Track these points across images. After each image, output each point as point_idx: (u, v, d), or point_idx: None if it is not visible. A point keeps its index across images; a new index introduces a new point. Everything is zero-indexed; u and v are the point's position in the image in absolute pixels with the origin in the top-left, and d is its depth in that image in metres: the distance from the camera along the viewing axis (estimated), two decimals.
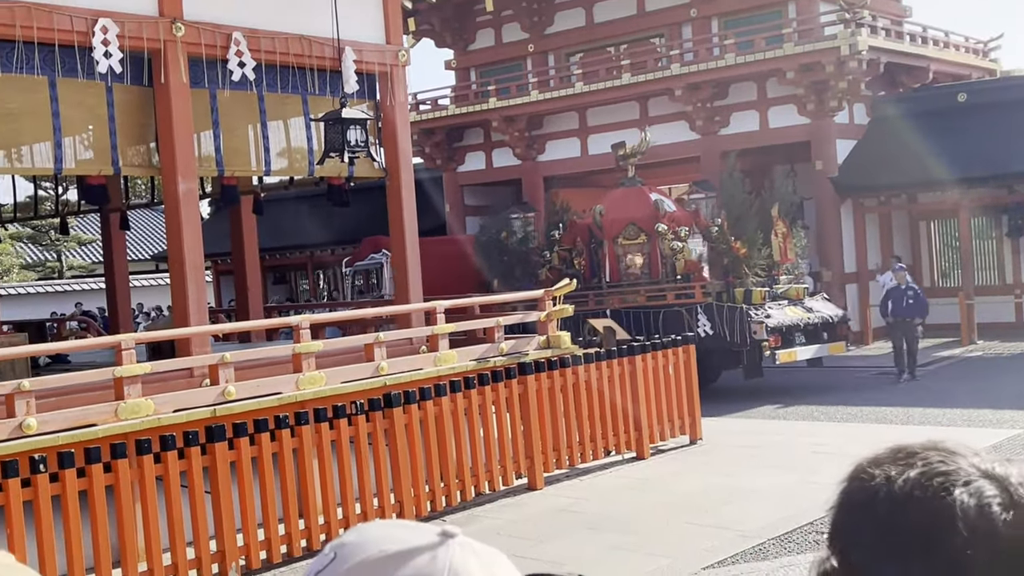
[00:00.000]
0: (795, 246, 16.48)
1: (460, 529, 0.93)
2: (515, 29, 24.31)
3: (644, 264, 16.03)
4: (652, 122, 22.23)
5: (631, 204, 16.32)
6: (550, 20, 23.90)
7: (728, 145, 21.30)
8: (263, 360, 8.98)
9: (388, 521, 1.00)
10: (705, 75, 20.59)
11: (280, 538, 7.64)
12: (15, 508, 6.32)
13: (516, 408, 9.47)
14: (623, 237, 16.19)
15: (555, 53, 23.92)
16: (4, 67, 7.83)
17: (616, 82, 21.62)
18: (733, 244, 15.41)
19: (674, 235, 15.70)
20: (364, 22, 10.30)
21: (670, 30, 22.28)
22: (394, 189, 10.72)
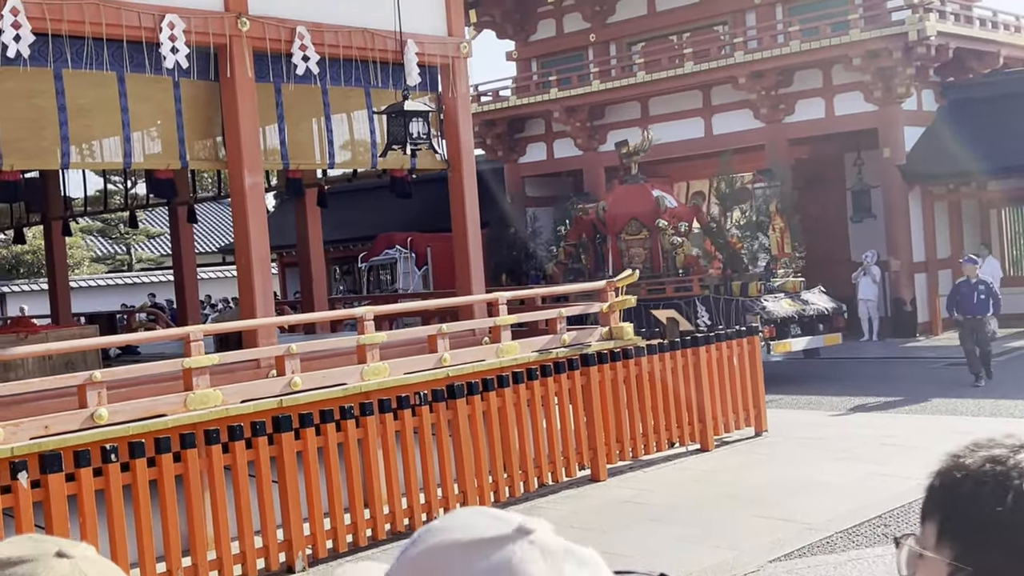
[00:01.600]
0: (791, 240, 16.95)
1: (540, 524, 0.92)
2: (576, 19, 24.21)
3: (646, 258, 16.64)
4: (716, 111, 22.03)
5: (634, 200, 16.93)
6: (612, 9, 23.76)
7: (793, 133, 21.03)
8: (328, 351, 9.06)
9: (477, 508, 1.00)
10: (769, 63, 20.33)
11: (346, 527, 7.71)
12: (87, 497, 6.45)
13: (579, 399, 9.46)
14: (626, 232, 16.83)
15: (617, 42, 23.79)
16: (74, 63, 7.97)
17: (679, 71, 21.43)
18: (730, 239, 16.06)
19: (674, 230, 16.38)
20: (426, 15, 10.33)
21: (734, 17, 22.04)
22: (456, 181, 10.74)
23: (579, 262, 17.49)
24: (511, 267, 19.00)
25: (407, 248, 20.07)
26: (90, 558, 1.14)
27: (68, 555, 1.11)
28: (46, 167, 10.02)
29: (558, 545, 0.91)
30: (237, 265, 9.44)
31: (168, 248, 33.19)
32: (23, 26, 7.42)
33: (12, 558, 1.10)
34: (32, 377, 7.67)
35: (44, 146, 8.00)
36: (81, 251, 33.01)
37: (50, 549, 1.11)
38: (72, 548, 1.14)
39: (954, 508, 1.01)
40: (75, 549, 1.14)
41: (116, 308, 22.46)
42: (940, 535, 1.03)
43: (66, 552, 1.12)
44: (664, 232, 16.43)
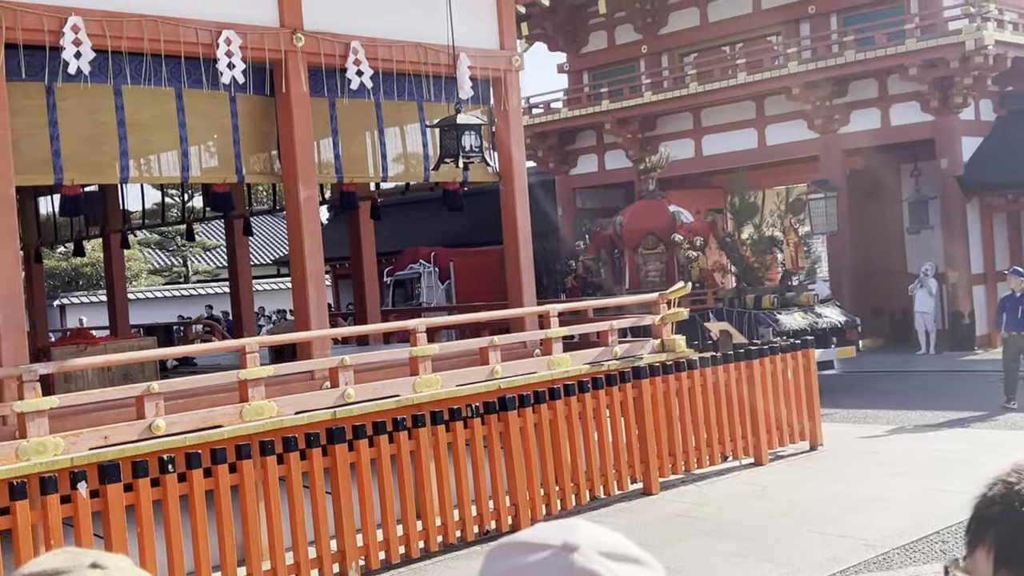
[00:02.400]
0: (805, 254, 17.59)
1: (586, 541, 0.93)
2: (628, 30, 24.19)
3: (662, 271, 17.16)
4: (769, 121, 21.89)
5: (650, 216, 17.43)
6: (664, 20, 23.72)
7: (848, 144, 20.83)
8: (381, 363, 9.12)
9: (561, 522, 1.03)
10: (824, 73, 20.16)
11: (398, 539, 7.74)
12: (145, 507, 6.54)
13: (631, 412, 9.42)
14: (643, 247, 17.39)
15: (669, 54, 23.73)
16: (133, 79, 8.12)
17: (731, 82, 21.33)
18: (744, 253, 16.59)
19: (689, 244, 16.88)
20: (478, 28, 10.38)
21: (787, 28, 21.89)
22: (507, 193, 10.77)
23: (598, 276, 17.96)
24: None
25: (430, 263, 20.63)
26: (124, 569, 1.16)
27: (103, 566, 1.14)
28: (106, 181, 10.22)
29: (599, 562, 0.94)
30: (292, 277, 9.54)
31: (224, 260, 33.65)
32: (84, 43, 7.58)
33: (48, 571, 1.13)
34: (92, 388, 7.80)
35: (104, 161, 8.15)
36: (139, 263, 33.53)
37: (85, 561, 1.14)
38: (107, 559, 1.16)
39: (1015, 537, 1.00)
40: (110, 560, 1.17)
41: (173, 320, 22.78)
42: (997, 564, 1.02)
43: (101, 563, 1.14)
44: (679, 246, 16.93)
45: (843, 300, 21.17)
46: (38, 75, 7.65)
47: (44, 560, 1.16)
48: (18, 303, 7.40)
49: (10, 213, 7.39)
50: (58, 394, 7.19)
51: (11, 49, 7.40)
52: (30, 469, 6.48)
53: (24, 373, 6.76)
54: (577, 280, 18.32)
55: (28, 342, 7.67)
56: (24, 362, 7.20)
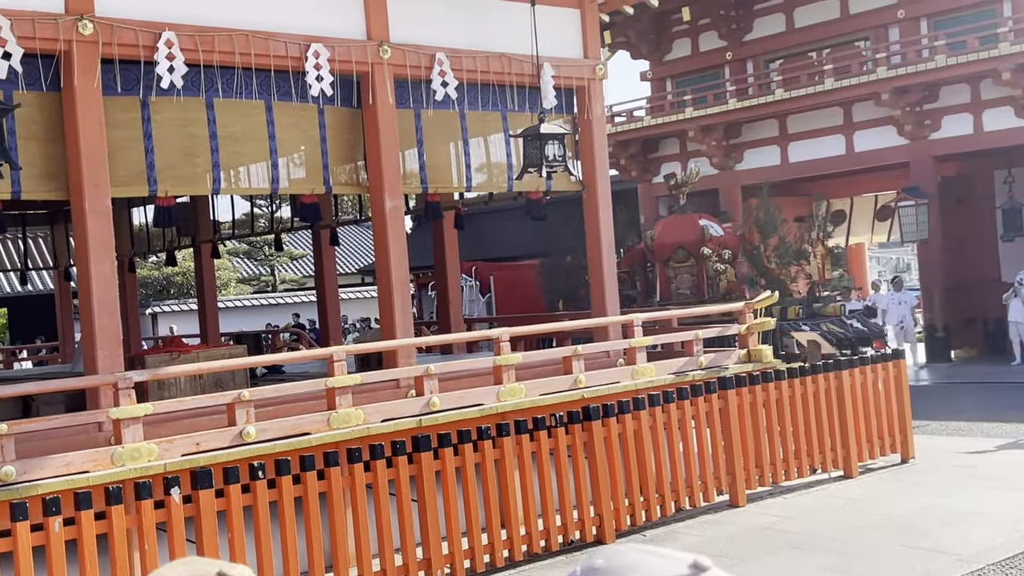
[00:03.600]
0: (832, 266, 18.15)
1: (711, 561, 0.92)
2: (712, 37, 24.00)
3: (692, 284, 17.69)
4: (857, 127, 21.52)
5: (681, 229, 18.00)
6: (749, 27, 23.48)
7: (939, 150, 20.38)
8: (465, 372, 9.16)
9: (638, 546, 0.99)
10: (914, 78, 19.76)
11: (483, 547, 7.76)
12: (236, 513, 6.66)
13: (716, 423, 9.32)
14: (673, 260, 17.92)
15: (754, 60, 23.48)
16: (225, 93, 8.29)
17: (818, 88, 21.03)
18: (769, 265, 17.25)
19: (718, 257, 17.42)
20: (562, 38, 10.39)
21: (875, 32, 21.51)
22: (591, 202, 10.75)
23: (633, 288, 18.55)
24: (567, 294, 20.01)
25: (471, 277, 21.30)
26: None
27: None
28: (198, 193, 10.44)
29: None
30: (378, 287, 9.64)
31: (310, 269, 34.21)
32: (177, 57, 7.76)
33: None
34: (184, 395, 7.97)
35: (196, 173, 8.34)
36: (228, 272, 34.20)
37: (211, 570, 1.16)
38: (231, 570, 1.19)
39: None
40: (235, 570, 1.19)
41: (261, 328, 23.18)
42: None
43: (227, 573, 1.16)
44: (708, 259, 17.45)
45: (933, 309, 20.71)
46: (133, 89, 7.85)
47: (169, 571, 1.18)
48: (114, 312, 7.60)
49: (106, 224, 7.60)
50: (152, 401, 7.36)
51: (107, 64, 7.61)
52: (125, 474, 6.64)
53: (119, 380, 6.93)
54: None
55: (123, 350, 7.86)
56: (119, 370, 7.39)
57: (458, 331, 12.59)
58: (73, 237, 10.59)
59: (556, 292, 20.27)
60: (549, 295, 20.34)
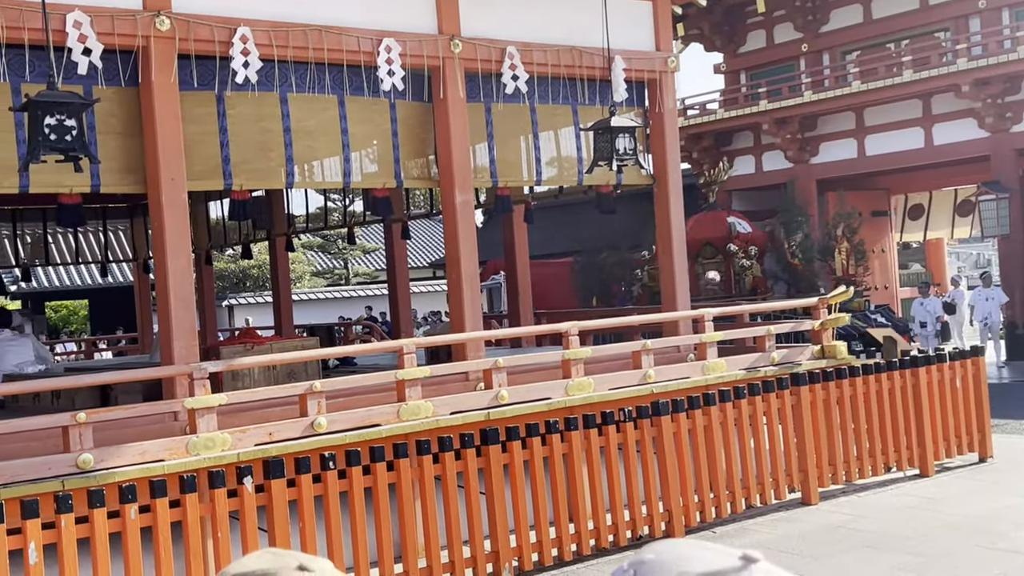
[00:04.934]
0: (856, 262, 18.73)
1: (761, 554, 0.90)
2: (788, 29, 23.66)
3: (720, 280, 18.30)
4: (936, 120, 21.08)
5: (709, 226, 18.57)
6: (825, 18, 23.11)
7: (1021, 143, 19.87)
8: (534, 365, 9.16)
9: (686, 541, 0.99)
10: (996, 69, 19.28)
11: (551, 541, 7.76)
12: (307, 502, 6.75)
13: (789, 420, 9.21)
14: (702, 256, 18.41)
15: (830, 52, 23.11)
16: (299, 87, 8.38)
17: (896, 80, 20.62)
18: (792, 260, 17.74)
19: (744, 254, 17.95)
20: (634, 30, 10.33)
21: (956, 23, 21.03)
22: (662, 196, 10.68)
23: None
24: (600, 290, 20.47)
25: None
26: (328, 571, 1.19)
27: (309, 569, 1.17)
28: (272, 186, 10.56)
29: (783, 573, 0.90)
30: (448, 280, 9.68)
31: (382, 263, 34.49)
32: (252, 53, 7.87)
33: (256, 571, 1.16)
34: (258, 386, 8.09)
35: (271, 167, 8.45)
36: (302, 266, 34.64)
37: (291, 563, 1.17)
38: (312, 562, 1.19)
39: None
40: (315, 563, 1.20)
41: (334, 320, 23.44)
42: None
43: (307, 566, 1.17)
44: (735, 256, 18.02)
45: (1015, 306, 20.21)
46: (209, 84, 7.98)
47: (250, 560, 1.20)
48: (190, 304, 7.74)
49: (183, 217, 7.74)
50: (226, 391, 7.48)
51: (184, 60, 7.74)
52: (199, 463, 6.76)
53: (195, 371, 7.06)
54: (644, 289, 19.39)
55: (199, 341, 8.00)
56: (195, 360, 7.52)
57: (527, 325, 12.60)
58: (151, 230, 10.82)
59: (589, 289, 20.77)
60: (582, 292, 20.74)
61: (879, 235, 23.16)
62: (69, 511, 5.96)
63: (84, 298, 32.27)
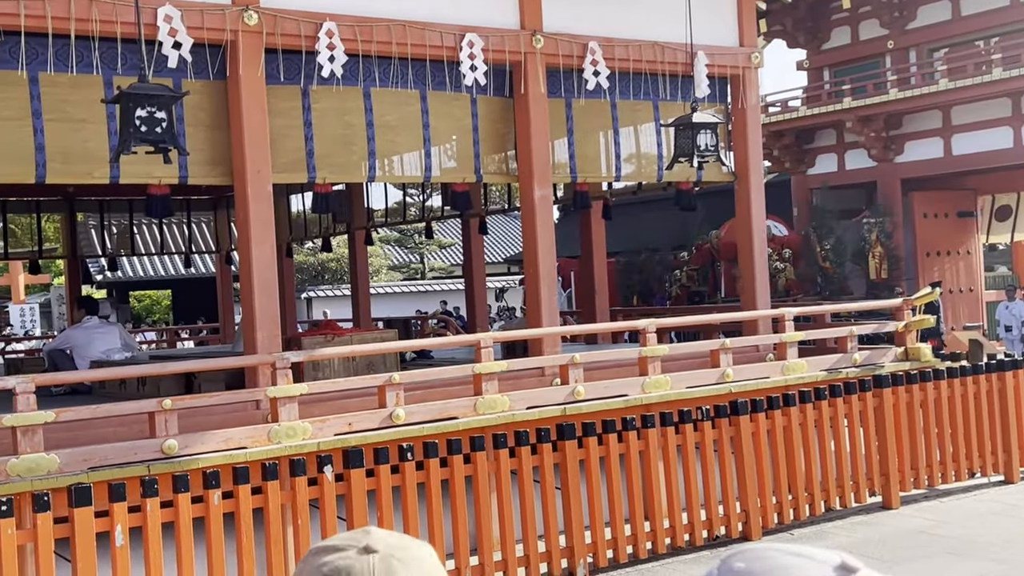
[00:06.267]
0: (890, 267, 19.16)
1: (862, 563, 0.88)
2: (873, 25, 23.23)
3: None
4: None
5: None
6: (912, 15, 22.64)
7: None
8: (610, 362, 9.13)
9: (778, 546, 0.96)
10: None
11: (626, 538, 7.74)
12: (384, 492, 6.81)
13: (870, 422, 9.05)
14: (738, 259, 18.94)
15: (917, 49, 22.63)
16: (382, 82, 8.46)
17: (986, 78, 20.11)
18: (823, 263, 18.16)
19: (778, 256, 18.30)
20: (717, 26, 10.23)
21: None
22: (743, 193, 10.57)
23: (702, 285, 19.86)
24: (641, 290, 21.00)
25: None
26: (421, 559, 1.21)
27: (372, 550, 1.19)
28: (353, 180, 10.68)
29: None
30: (525, 275, 9.69)
31: (457, 258, 34.66)
32: (337, 47, 7.96)
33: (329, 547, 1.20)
34: (337, 377, 8.19)
35: (353, 161, 8.54)
36: (379, 259, 34.96)
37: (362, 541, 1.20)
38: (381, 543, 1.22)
39: None
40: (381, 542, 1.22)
41: (411, 314, 23.63)
42: None
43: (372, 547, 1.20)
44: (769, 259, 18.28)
45: None
46: (295, 78, 8.09)
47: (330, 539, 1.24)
48: (273, 294, 7.86)
49: (268, 209, 7.85)
50: (307, 381, 7.58)
51: (270, 54, 7.86)
52: (281, 452, 6.86)
53: (277, 360, 7.16)
54: (682, 289, 20.02)
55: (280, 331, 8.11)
56: (277, 350, 7.64)
57: (603, 321, 12.56)
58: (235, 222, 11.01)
59: (630, 288, 21.30)
60: (624, 291, 21.19)
61: (964, 236, 22.63)
62: (155, 495, 6.10)
63: (167, 288, 32.96)
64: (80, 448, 6.31)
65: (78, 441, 6.44)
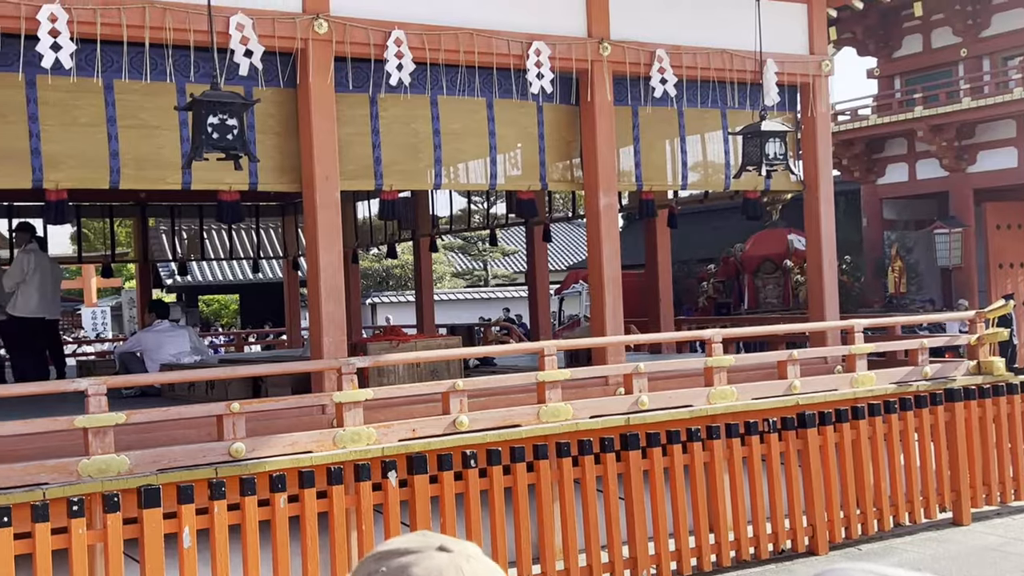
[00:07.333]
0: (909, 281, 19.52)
1: None
2: (946, 33, 22.83)
3: (779, 295, 19.28)
4: None
5: (769, 243, 19.58)
6: (986, 23, 22.22)
7: None
8: (674, 372, 9.06)
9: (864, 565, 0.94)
10: None
11: (690, 550, 7.66)
12: (448, 499, 6.83)
13: (942, 437, 8.87)
14: (762, 271, 19.53)
15: (991, 57, 22.19)
16: (449, 90, 8.49)
17: None
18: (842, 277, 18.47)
19: (800, 270, 18.36)
20: (787, 33, 10.11)
21: None
22: (812, 202, 10.43)
23: (728, 297, 20.17)
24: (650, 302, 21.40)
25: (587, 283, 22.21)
26: (470, 556, 1.21)
27: (449, 550, 1.19)
28: (419, 188, 10.73)
29: None
30: (590, 284, 9.66)
31: (520, 265, 34.69)
32: (405, 55, 8.00)
33: (400, 548, 1.20)
34: (402, 382, 8.22)
35: (419, 168, 8.58)
36: (442, 266, 35.13)
37: (434, 543, 1.20)
38: (455, 544, 1.22)
39: None
40: (457, 546, 1.22)
41: (473, 321, 23.70)
42: None
43: (448, 547, 1.20)
44: (791, 271, 18.82)
45: None
46: (363, 86, 8.15)
47: (398, 540, 1.24)
48: (340, 300, 7.92)
49: (335, 216, 7.92)
50: (372, 387, 7.62)
51: (339, 62, 7.92)
52: (345, 456, 6.90)
53: (343, 366, 7.21)
54: (708, 301, 20.33)
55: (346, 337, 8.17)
56: (343, 355, 7.69)
57: (668, 330, 12.48)
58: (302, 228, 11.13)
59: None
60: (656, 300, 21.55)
61: None
62: (222, 498, 6.17)
63: (235, 292, 33.42)
64: (150, 450, 6.40)
65: (148, 443, 6.54)
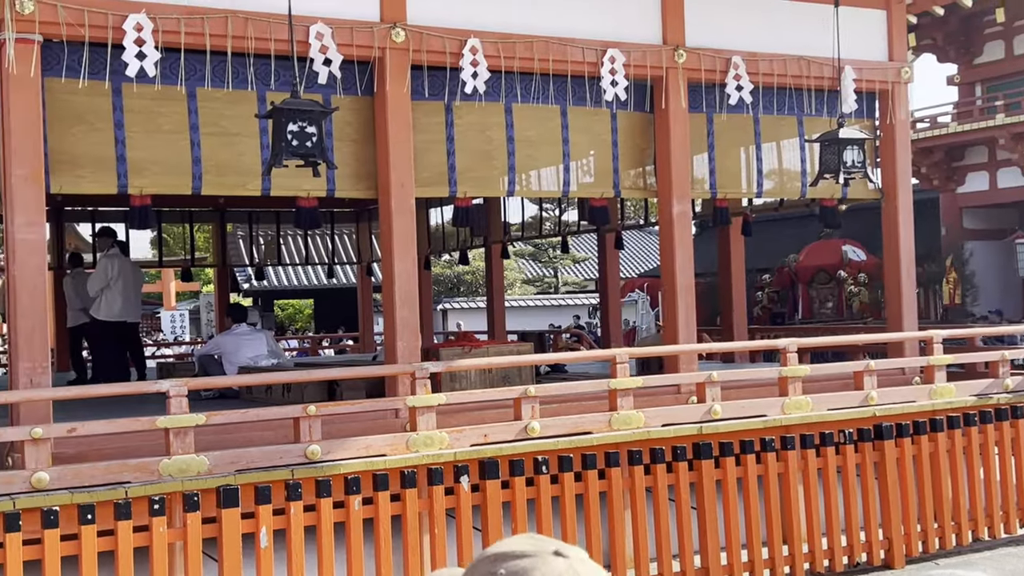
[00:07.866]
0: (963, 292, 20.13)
1: None
2: None
3: (833, 305, 19.71)
4: None
5: (823, 254, 20.09)
6: None
7: None
8: (747, 381, 8.98)
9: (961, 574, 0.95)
10: None
11: (763, 562, 7.59)
12: (519, 505, 6.85)
13: (1022, 450, 8.68)
14: (816, 281, 19.92)
15: None
16: (523, 98, 8.52)
17: None
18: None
19: (853, 281, 19.13)
20: (866, 39, 9.98)
21: None
22: (890, 211, 10.27)
23: (783, 307, 20.45)
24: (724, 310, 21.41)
25: (644, 291, 23.26)
26: (584, 560, 1.22)
27: (564, 555, 1.21)
28: (492, 195, 10.81)
29: None
30: (663, 291, 9.63)
31: (591, 272, 34.64)
32: (480, 64, 8.07)
33: (516, 552, 1.21)
34: (474, 388, 8.27)
35: (493, 175, 8.63)
36: (513, 273, 35.22)
37: (548, 548, 1.21)
38: (568, 549, 1.23)
39: None
40: (570, 550, 1.23)
41: (543, 328, 23.73)
42: None
43: (563, 552, 1.21)
44: (845, 282, 19.19)
45: None
46: (439, 94, 8.23)
47: (510, 542, 1.25)
48: (413, 305, 7.99)
49: (411, 222, 8.00)
50: (444, 392, 7.68)
51: (416, 70, 8.01)
52: (419, 460, 6.95)
53: (417, 370, 7.28)
54: (763, 311, 20.56)
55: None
56: (416, 360, 7.76)
57: (741, 339, 12.38)
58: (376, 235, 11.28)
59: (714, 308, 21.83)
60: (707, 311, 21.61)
61: None
62: (298, 499, 6.27)
63: (310, 297, 33.86)
64: (228, 451, 6.52)
65: (226, 444, 6.67)
